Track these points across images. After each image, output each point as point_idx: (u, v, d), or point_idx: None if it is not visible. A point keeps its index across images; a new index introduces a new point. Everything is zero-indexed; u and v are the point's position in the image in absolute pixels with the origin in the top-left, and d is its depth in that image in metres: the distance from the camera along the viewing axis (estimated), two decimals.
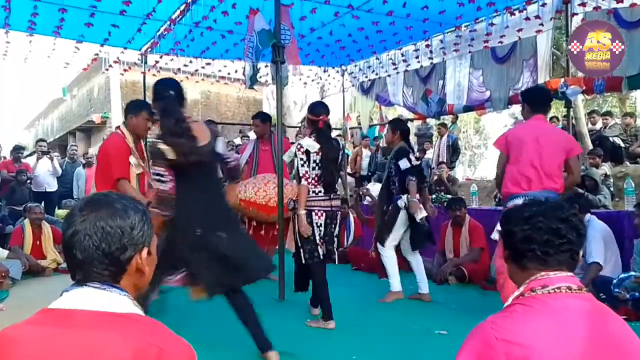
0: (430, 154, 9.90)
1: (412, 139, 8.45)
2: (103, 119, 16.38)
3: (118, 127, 3.80)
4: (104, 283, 1.03)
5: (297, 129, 12.29)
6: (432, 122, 10.79)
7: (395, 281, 4.39)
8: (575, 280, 1.22)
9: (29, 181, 8.28)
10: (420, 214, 4.20)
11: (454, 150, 9.81)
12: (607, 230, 4.34)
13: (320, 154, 3.65)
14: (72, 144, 12.44)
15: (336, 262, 3.88)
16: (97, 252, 1.01)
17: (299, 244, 3.73)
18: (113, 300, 1.03)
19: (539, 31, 6.65)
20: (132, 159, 3.63)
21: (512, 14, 6.49)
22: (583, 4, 5.90)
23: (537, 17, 6.30)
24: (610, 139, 7.78)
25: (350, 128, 10.19)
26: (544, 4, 6.18)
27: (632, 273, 3.93)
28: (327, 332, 3.51)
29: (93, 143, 17.22)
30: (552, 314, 1.15)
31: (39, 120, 26.38)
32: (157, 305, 3.59)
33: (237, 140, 10.81)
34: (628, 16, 5.63)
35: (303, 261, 3.73)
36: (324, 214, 3.71)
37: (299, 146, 3.70)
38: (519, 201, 3.23)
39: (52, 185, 8.64)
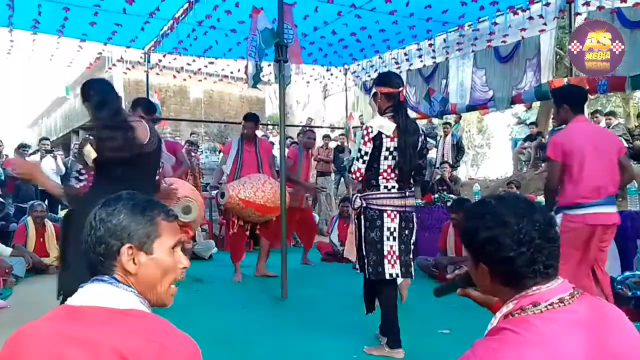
0: (433, 154, 9.89)
1: None
2: None
3: None
4: (112, 277, 1.09)
5: (299, 128, 12.29)
6: (436, 122, 10.80)
7: None
8: (566, 286, 1.11)
9: None
10: None
11: (458, 149, 9.81)
12: None
13: (397, 137, 2.92)
14: (75, 142, 12.47)
15: (413, 277, 3.17)
16: (97, 249, 1.10)
17: (364, 253, 3.02)
18: (119, 296, 1.06)
19: (542, 31, 6.65)
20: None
21: (515, 13, 6.49)
22: (587, 4, 5.89)
23: (541, 16, 6.30)
24: None
25: (352, 127, 10.18)
26: (547, 4, 6.18)
27: (638, 272, 3.93)
28: (328, 331, 3.50)
29: None
30: (545, 344, 1.02)
31: (43, 119, 26.44)
32: None
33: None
34: (631, 16, 5.61)
35: (366, 275, 3.03)
36: (398, 216, 2.99)
37: (367, 129, 2.95)
38: (585, 211, 3.14)
39: None
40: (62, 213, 8.01)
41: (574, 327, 1.05)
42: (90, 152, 2.41)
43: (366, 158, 2.95)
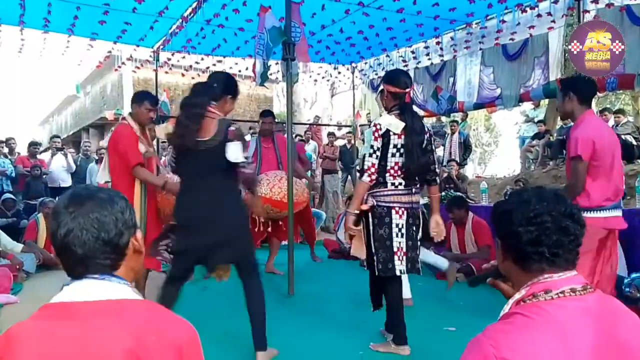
0: (440, 151, 9.89)
1: None
2: (116, 115, 16.51)
3: (124, 118, 3.96)
4: (103, 274, 1.06)
5: (307, 126, 12.32)
6: (445, 120, 10.79)
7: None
8: (580, 279, 1.14)
9: (44, 176, 8.43)
10: None
11: (465, 147, 9.80)
12: None
13: (404, 135, 2.96)
14: (85, 140, 12.60)
15: (420, 273, 3.15)
16: (98, 243, 1.04)
17: (373, 251, 3.04)
18: (112, 289, 1.05)
19: (550, 28, 6.62)
20: (141, 146, 3.74)
21: (523, 11, 6.46)
22: (595, 1, 5.86)
23: (549, 14, 6.27)
24: (622, 137, 7.71)
25: (360, 125, 10.19)
26: (555, 1, 6.14)
27: None
28: (335, 327, 3.53)
29: (107, 139, 17.38)
30: (555, 328, 1.05)
31: (53, 117, 26.69)
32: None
33: (247, 137, 10.86)
34: None
35: (376, 272, 3.04)
36: (406, 213, 3.01)
37: (375, 127, 2.98)
38: (608, 214, 2.99)
39: (67, 181, 8.77)
40: None
41: (584, 315, 1.08)
42: (161, 130, 2.94)
43: (378, 154, 2.98)
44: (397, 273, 2.99)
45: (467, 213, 5.45)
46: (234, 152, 2.70)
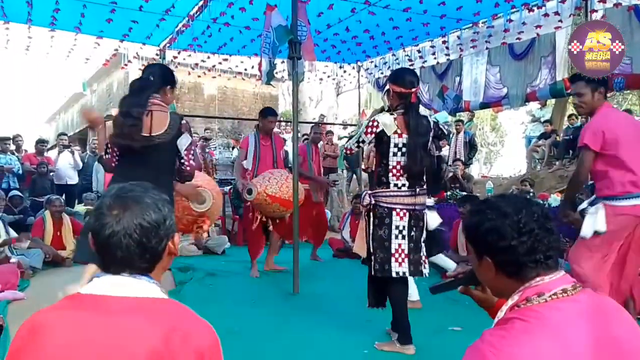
0: (445, 151, 9.86)
1: None
2: None
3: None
4: (137, 274, 1.09)
5: (312, 125, 12.31)
6: (450, 119, 10.75)
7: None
8: (568, 279, 1.16)
9: (51, 173, 8.47)
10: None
11: (471, 147, 9.77)
12: None
13: (406, 135, 2.92)
14: (93, 138, 12.64)
15: (425, 275, 3.12)
16: (139, 249, 1.06)
17: (371, 250, 3.03)
18: (143, 287, 1.08)
19: (557, 28, 6.59)
20: None
21: (530, 10, 6.43)
22: (603, 1, 5.82)
23: (556, 13, 6.24)
24: None
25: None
26: (563, 0, 6.11)
27: None
28: (339, 326, 3.53)
29: None
30: (552, 331, 1.06)
31: (60, 114, 26.81)
32: (173, 297, 3.66)
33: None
34: None
35: (372, 272, 3.04)
36: (407, 214, 2.97)
37: (372, 122, 2.98)
38: (635, 202, 2.91)
39: (74, 179, 8.81)
40: (77, 207, 8.16)
41: (580, 315, 1.09)
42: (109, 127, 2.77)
43: (362, 145, 3.03)
44: (394, 275, 2.96)
45: None
46: (182, 143, 2.76)
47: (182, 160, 2.81)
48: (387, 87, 3.08)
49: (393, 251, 2.96)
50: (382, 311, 3.25)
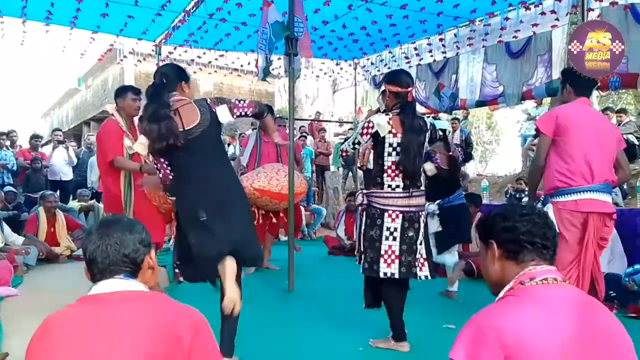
0: None
1: None
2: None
3: (112, 115, 4.05)
4: (125, 275, 1.32)
5: (309, 122, 12.30)
6: (443, 117, 10.75)
7: None
8: (559, 273, 1.32)
9: (45, 169, 8.42)
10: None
11: (466, 145, 9.77)
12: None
13: (401, 134, 2.93)
14: (89, 133, 12.59)
15: (420, 278, 3.08)
16: (119, 255, 1.31)
17: (362, 249, 3.05)
18: (133, 284, 1.32)
19: (554, 26, 6.60)
20: (127, 141, 3.81)
21: (527, 8, 6.44)
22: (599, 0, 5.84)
23: (553, 12, 6.25)
24: (624, 136, 7.69)
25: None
26: None
27: None
28: (335, 323, 3.53)
29: (94, 134, 17.39)
30: (541, 302, 1.22)
31: (55, 110, 26.67)
32: (168, 293, 3.64)
33: (249, 132, 10.87)
34: None
35: (361, 271, 3.07)
36: (401, 216, 2.96)
37: (368, 123, 2.99)
38: (576, 197, 2.84)
39: (68, 175, 8.76)
40: (72, 203, 8.12)
41: (566, 298, 1.25)
42: (137, 147, 2.64)
43: (357, 147, 3.09)
44: (381, 275, 2.96)
45: (477, 211, 5.45)
46: (224, 115, 2.60)
47: (239, 114, 2.65)
48: (383, 87, 3.11)
49: (382, 252, 2.95)
50: (377, 309, 3.25)
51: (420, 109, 10.15)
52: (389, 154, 2.95)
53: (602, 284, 2.96)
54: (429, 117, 3.42)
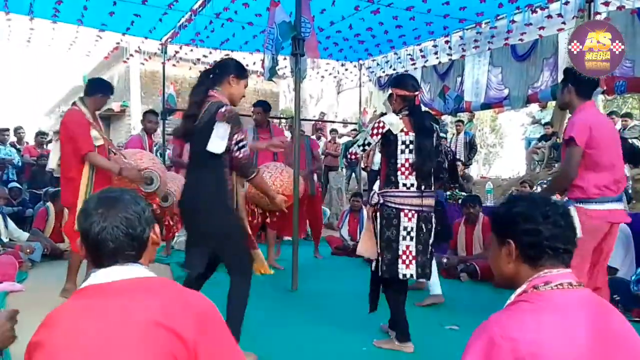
0: None
1: None
2: (122, 107, 16.58)
3: (74, 104, 4.02)
4: (128, 261, 1.22)
5: (313, 122, 12.30)
6: (447, 119, 10.74)
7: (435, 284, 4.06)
8: (574, 276, 1.25)
9: None
10: None
11: (471, 147, 9.77)
12: (627, 233, 4.30)
13: (413, 133, 2.95)
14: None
15: (430, 279, 3.17)
16: (127, 237, 1.20)
17: (379, 251, 3.01)
18: (137, 271, 1.22)
19: (560, 29, 6.58)
20: (94, 132, 3.84)
21: (534, 11, 6.42)
22: (606, 3, 5.82)
23: (560, 15, 6.24)
24: (629, 140, 7.67)
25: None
26: (566, 2, 6.11)
27: None
28: (338, 323, 3.54)
29: (112, 131, 17.44)
30: (556, 310, 1.15)
31: (60, 107, 26.72)
32: None
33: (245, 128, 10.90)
34: None
35: (379, 273, 3.01)
36: (416, 216, 2.95)
37: (378, 123, 3.00)
38: (609, 206, 2.86)
39: None
40: None
41: (582, 304, 1.19)
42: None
43: (367, 148, 3.07)
44: (400, 276, 2.95)
45: (480, 212, 5.45)
46: (215, 138, 2.56)
47: (230, 151, 2.64)
48: (390, 91, 3.16)
49: (400, 253, 2.94)
50: (381, 309, 3.25)
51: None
52: (402, 152, 2.95)
53: (607, 292, 3.01)
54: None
